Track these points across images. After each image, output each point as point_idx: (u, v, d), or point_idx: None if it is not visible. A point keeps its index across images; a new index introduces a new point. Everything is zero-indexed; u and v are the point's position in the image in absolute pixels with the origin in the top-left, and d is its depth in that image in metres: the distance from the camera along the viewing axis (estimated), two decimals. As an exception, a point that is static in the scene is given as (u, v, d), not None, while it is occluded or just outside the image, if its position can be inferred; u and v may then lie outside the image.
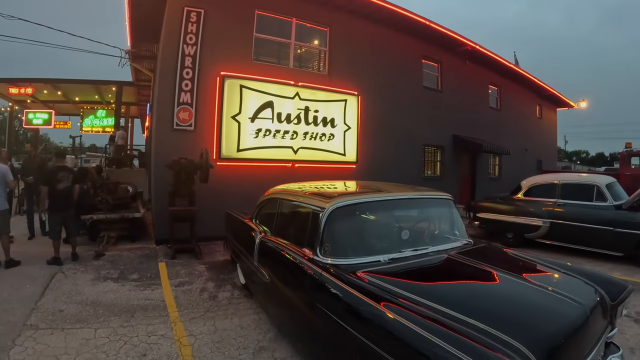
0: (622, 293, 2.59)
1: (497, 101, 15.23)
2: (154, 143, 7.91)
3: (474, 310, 1.98)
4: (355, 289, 2.26)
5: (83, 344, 3.51)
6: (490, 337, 1.76)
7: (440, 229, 3.41)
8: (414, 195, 3.36)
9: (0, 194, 5.50)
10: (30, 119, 15.48)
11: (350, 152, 9.64)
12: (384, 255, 2.66)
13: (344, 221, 2.85)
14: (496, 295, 2.34)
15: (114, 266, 5.94)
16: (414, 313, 1.93)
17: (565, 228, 7.05)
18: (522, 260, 3.03)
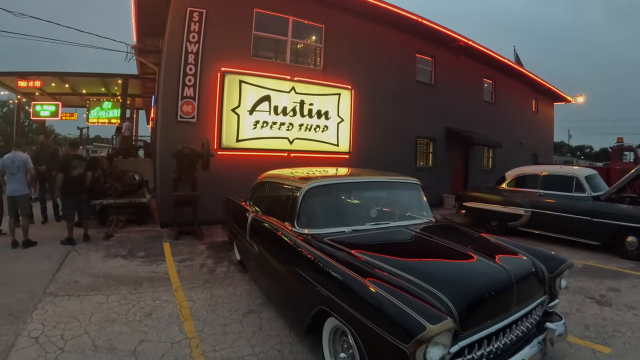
0: (559, 267, 2.90)
1: (492, 95, 15.58)
2: (159, 134, 8.44)
3: (411, 268, 2.47)
4: (318, 250, 2.80)
5: (97, 307, 4.08)
6: (420, 288, 2.21)
7: (405, 209, 3.88)
8: (380, 179, 3.89)
9: (22, 181, 6.05)
10: (37, 111, 16.02)
11: (343, 142, 10.13)
12: (348, 227, 3.18)
13: (317, 199, 3.39)
14: (431, 257, 2.83)
15: (122, 246, 6.51)
16: (360, 267, 2.45)
17: (546, 217, 7.42)
18: (471, 236, 3.46)
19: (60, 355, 3.16)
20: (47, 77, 13.31)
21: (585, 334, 3.68)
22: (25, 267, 5.16)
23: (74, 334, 3.50)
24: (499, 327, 2.30)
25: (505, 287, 2.41)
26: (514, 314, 2.42)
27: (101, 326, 3.65)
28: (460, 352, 2.11)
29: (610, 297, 4.65)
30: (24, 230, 6.08)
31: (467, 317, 2.13)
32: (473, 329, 2.16)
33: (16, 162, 5.99)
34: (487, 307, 2.30)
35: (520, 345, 2.52)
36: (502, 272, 2.48)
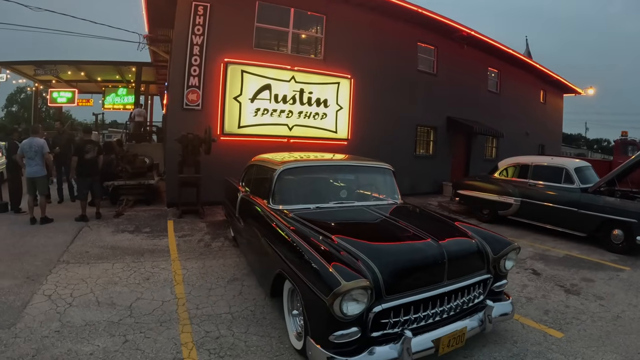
0: (503, 249, 3.08)
1: (497, 85, 15.54)
2: (167, 120, 8.98)
3: (353, 240, 2.80)
4: (283, 222, 3.24)
5: (103, 272, 4.64)
6: (354, 256, 2.55)
7: (373, 191, 4.26)
8: (349, 163, 4.31)
9: (39, 163, 6.63)
10: (54, 98, 16.78)
11: (341, 129, 10.49)
12: (313, 205, 3.61)
13: (290, 179, 3.83)
14: (375, 232, 3.20)
15: (130, 223, 7.10)
16: (309, 237, 2.88)
17: (534, 207, 7.58)
18: (427, 218, 3.78)
19: (68, 308, 3.71)
20: (64, 66, 13.96)
21: (543, 318, 3.81)
22: (42, 240, 5.77)
23: (81, 292, 4.06)
24: (427, 296, 2.56)
25: (435, 262, 2.66)
26: (445, 287, 2.67)
27: (105, 287, 4.20)
28: (386, 314, 2.43)
29: (581, 287, 4.78)
30: (41, 208, 6.69)
31: (392, 283, 2.44)
32: (398, 294, 2.47)
33: (33, 147, 6.58)
34: (414, 277, 2.60)
35: (459, 317, 2.77)
36: (435, 249, 2.72)
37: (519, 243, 6.58)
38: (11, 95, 34.01)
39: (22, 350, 2.98)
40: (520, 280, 4.95)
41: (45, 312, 3.62)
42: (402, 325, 2.52)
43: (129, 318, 3.56)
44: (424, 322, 2.60)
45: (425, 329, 2.59)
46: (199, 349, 3.02)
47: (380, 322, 2.44)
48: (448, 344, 2.59)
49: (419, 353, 2.46)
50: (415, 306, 2.54)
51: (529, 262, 5.77)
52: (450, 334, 2.59)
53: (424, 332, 2.55)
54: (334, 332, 2.29)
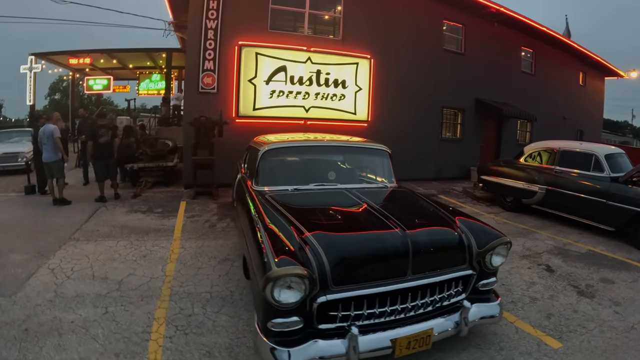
0: (489, 243, 2.72)
1: (532, 66, 14.41)
2: (184, 104, 9.15)
3: (312, 224, 2.63)
4: (258, 201, 3.18)
5: (106, 249, 4.85)
6: (304, 241, 2.38)
7: (365, 173, 4.06)
8: (340, 144, 4.11)
9: (52, 148, 6.94)
10: (90, 85, 17.64)
11: (361, 111, 10.20)
12: (292, 187, 3.48)
13: (272, 160, 3.73)
14: (340, 218, 2.97)
15: (145, 203, 7.37)
16: (270, 218, 2.78)
17: (560, 196, 6.97)
18: (411, 204, 3.46)
19: (65, 281, 3.92)
20: (96, 54, 14.60)
21: (543, 323, 3.40)
22: (60, 219, 6.11)
23: (81, 267, 4.27)
24: (383, 291, 2.33)
25: (396, 253, 2.41)
26: (409, 282, 2.41)
27: (103, 263, 4.39)
28: (334, 306, 2.26)
29: (597, 288, 4.23)
30: (59, 190, 7.04)
31: (340, 273, 2.26)
32: (347, 285, 2.27)
33: (46, 133, 6.93)
34: (368, 268, 2.38)
35: (433, 315, 2.52)
36: (398, 239, 2.45)
37: (540, 235, 6.27)
38: (53, 83, 36.37)
39: (16, 315, 3.23)
40: (529, 276, 4.49)
41: (44, 283, 3.85)
42: (355, 320, 2.33)
43: (116, 292, 3.70)
44: (383, 319, 2.39)
45: (383, 326, 2.37)
46: (168, 325, 3.09)
47: (329, 314, 2.28)
48: (408, 345, 2.34)
49: (371, 352, 2.26)
50: (369, 300, 2.33)
51: (545, 256, 5.23)
52: (411, 335, 2.34)
53: (381, 330, 2.33)
54: (272, 319, 2.20)
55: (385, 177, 4.06)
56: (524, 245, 5.69)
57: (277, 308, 2.15)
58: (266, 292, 2.10)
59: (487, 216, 7.59)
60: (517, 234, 6.24)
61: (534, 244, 5.79)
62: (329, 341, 2.21)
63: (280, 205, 3.00)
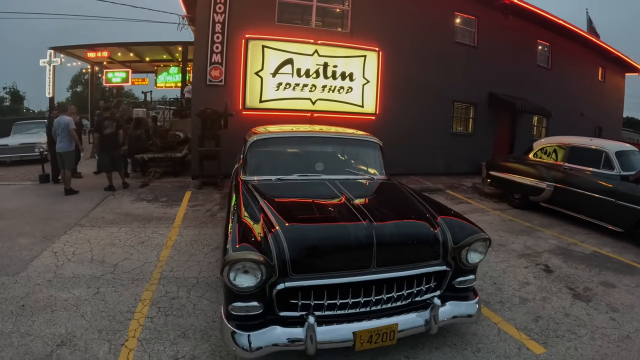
0: (465, 238, 2.62)
1: (548, 60, 13.92)
2: (192, 96, 9.34)
3: (283, 211, 2.70)
4: (242, 190, 3.26)
5: (108, 235, 5.06)
6: (270, 228, 2.41)
7: (354, 164, 4.03)
8: (328, 135, 4.11)
9: (66, 139, 7.22)
10: (109, 78, 18.12)
11: (368, 104, 10.15)
12: (275, 177, 3.52)
13: (258, 151, 3.80)
14: (312, 208, 2.98)
15: (152, 193, 7.60)
16: (244, 206, 2.87)
17: (568, 194, 6.70)
18: (390, 196, 3.41)
19: (65, 263, 4.13)
20: (113, 48, 15.00)
21: (529, 326, 3.23)
22: (69, 207, 6.38)
23: (82, 251, 4.47)
24: (344, 282, 2.31)
25: (358, 245, 2.37)
26: (373, 275, 2.37)
27: (103, 248, 4.59)
28: (295, 294, 2.29)
29: (596, 292, 3.99)
30: (67, 180, 7.29)
31: (300, 262, 2.27)
32: (307, 274, 2.29)
33: (61, 124, 7.21)
34: (329, 258, 2.38)
35: (403, 311, 2.47)
36: (362, 231, 2.41)
37: (545, 233, 6.11)
38: (75, 76, 37.38)
39: (16, 293, 3.46)
40: (524, 276, 4.32)
41: (46, 265, 4.06)
42: (318, 309, 2.34)
43: (110, 274, 3.88)
44: (346, 311, 2.37)
45: (346, 318, 2.35)
46: (152, 306, 3.24)
47: (291, 302, 2.31)
48: (369, 339, 2.29)
49: (332, 344, 2.27)
50: (330, 291, 2.32)
51: (545, 256, 5.04)
52: (373, 329, 2.30)
53: (343, 322, 2.31)
54: (233, 302, 2.26)
55: (375, 168, 4.04)
56: (525, 243, 5.51)
57: (236, 292, 2.22)
58: (224, 275, 2.17)
59: (493, 213, 7.45)
60: (520, 232, 6.09)
61: (536, 242, 5.60)
62: (288, 329, 2.24)
63: (258, 194, 3.07)
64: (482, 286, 3.92)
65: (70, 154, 7.26)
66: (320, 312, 2.33)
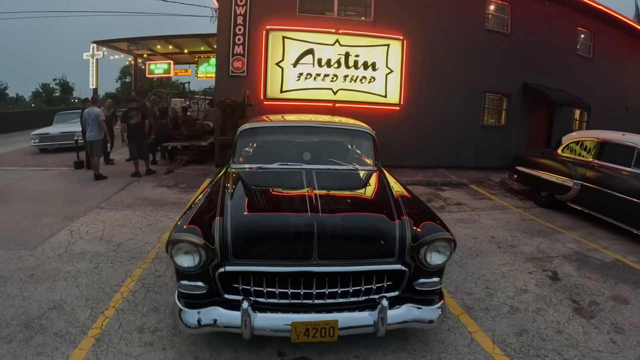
0: (424, 237, 2.44)
1: (590, 49, 12.76)
2: (215, 87, 9.68)
3: (239, 198, 2.83)
4: (223, 176, 3.42)
5: (122, 217, 5.45)
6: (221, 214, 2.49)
7: (343, 154, 3.94)
8: (318, 124, 4.11)
9: (94, 129, 7.76)
10: (152, 70, 19.06)
11: (392, 94, 9.96)
12: (256, 165, 3.60)
13: (245, 140, 3.91)
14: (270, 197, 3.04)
15: (174, 179, 8.02)
16: (214, 192, 2.99)
17: (595, 194, 6.11)
18: (365, 189, 3.34)
19: (77, 240, 4.54)
20: (153, 41, 15.76)
21: (508, 340, 2.88)
22: (94, 191, 6.92)
23: (95, 230, 4.87)
24: (282, 271, 2.31)
25: (298, 236, 2.36)
26: (314, 267, 2.33)
27: (114, 228, 4.97)
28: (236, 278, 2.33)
29: (603, 307, 3.47)
30: (95, 166, 7.87)
31: (241, 247, 2.33)
32: (247, 260, 2.34)
33: (91, 115, 7.77)
34: (268, 247, 2.40)
35: (349, 307, 2.40)
36: (303, 222, 2.38)
37: (565, 236, 5.63)
38: (124, 67, 39.54)
39: (29, 264, 3.89)
40: (524, 282, 3.94)
41: (60, 242, 4.49)
42: (261, 296, 2.37)
43: (112, 252, 4.22)
44: (289, 301, 2.36)
45: (286, 308, 2.35)
46: (138, 282, 3.51)
47: (233, 286, 2.37)
48: (306, 332, 2.26)
49: (269, 332, 2.30)
50: (269, 279, 2.34)
51: (556, 261, 4.56)
52: (310, 322, 2.26)
53: (282, 312, 2.33)
54: (180, 280, 2.40)
55: (364, 159, 3.95)
56: (538, 246, 5.07)
57: (182, 271, 2.35)
58: (168, 253, 2.32)
59: (514, 211, 7.04)
60: (538, 233, 5.66)
61: (552, 245, 5.12)
62: (228, 311, 2.31)
63: (232, 181, 3.19)
64: (472, 290, 3.70)
65: (98, 142, 7.84)
66: (263, 299, 2.37)
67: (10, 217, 5.28)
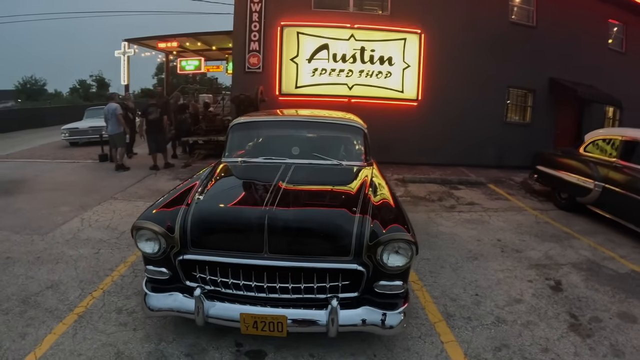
0: (380, 236, 2.34)
1: (623, 42, 11.85)
2: (232, 83, 9.92)
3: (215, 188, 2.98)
4: (209, 168, 3.59)
5: (132, 207, 5.76)
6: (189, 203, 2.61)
7: (332, 149, 3.89)
8: (308, 119, 4.17)
9: (115, 123, 8.19)
10: (183, 66, 19.65)
11: (409, 89, 9.79)
12: (242, 158, 3.71)
13: (236, 134, 4.00)
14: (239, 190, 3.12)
15: (189, 172, 8.28)
16: (194, 181, 3.15)
17: (617, 197, 5.66)
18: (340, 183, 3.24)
19: (86, 228, 4.86)
20: (182, 38, 16.28)
21: (483, 355, 2.65)
22: (112, 182, 7.32)
23: (104, 219, 5.19)
24: (233, 262, 2.36)
25: (248, 228, 2.39)
26: (265, 260, 2.35)
27: (122, 217, 5.25)
28: (190, 267, 2.44)
29: (605, 325, 3.09)
30: (120, 156, 8.35)
31: (198, 237, 2.42)
32: (203, 250, 2.42)
33: (110, 110, 8.21)
34: (222, 238, 2.46)
35: (304, 304, 2.40)
36: (255, 215, 2.42)
37: (580, 242, 5.17)
38: (160, 64, 41.00)
39: (38, 247, 4.24)
40: (520, 291, 3.62)
41: (71, 229, 4.83)
42: (217, 285, 2.45)
43: (114, 239, 4.49)
44: (243, 292, 2.42)
45: (239, 300, 2.40)
46: (130, 268, 3.74)
47: (192, 274, 2.47)
48: (254, 325, 2.31)
49: (220, 320, 2.37)
50: (223, 269, 2.40)
51: (564, 270, 4.17)
52: (258, 315, 2.30)
53: (235, 303, 2.39)
54: (146, 265, 2.54)
55: (353, 153, 3.91)
56: (547, 252, 4.71)
57: (147, 257, 2.50)
58: (132, 235, 2.47)
59: (530, 213, 6.67)
60: (550, 238, 5.27)
61: (563, 252, 4.74)
62: (185, 298, 2.42)
63: (213, 173, 3.33)
64: (459, 296, 3.48)
65: (119, 135, 8.28)
66: (222, 289, 2.45)
67: (31, 205, 5.72)
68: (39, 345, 2.60)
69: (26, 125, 19.24)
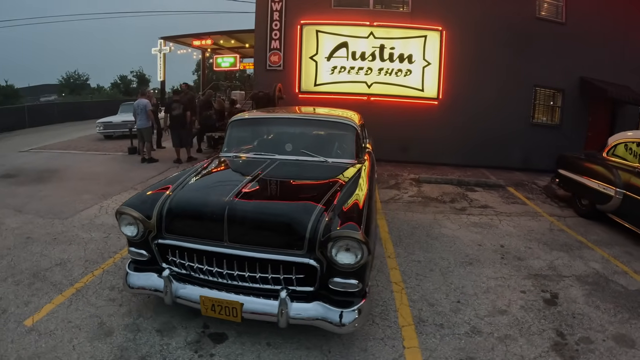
0: (330, 232, 2.37)
1: None
2: (254, 81, 10.21)
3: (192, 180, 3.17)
4: (206, 161, 3.82)
5: (148, 196, 6.12)
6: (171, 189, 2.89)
7: (310, 146, 3.91)
8: (296, 116, 4.36)
9: (143, 118, 8.68)
10: (219, 63, 20.17)
11: (430, 88, 9.63)
12: (235, 154, 3.94)
13: (233, 130, 4.23)
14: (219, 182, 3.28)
15: (208, 165, 8.70)
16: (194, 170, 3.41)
17: (638, 206, 5.29)
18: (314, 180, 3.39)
19: (103, 214, 5.29)
20: (216, 36, 16.81)
21: None
22: (137, 174, 7.80)
23: (120, 207, 5.58)
24: (198, 248, 2.55)
25: (211, 218, 2.54)
26: (225, 249, 2.50)
27: (136, 206, 5.63)
28: (165, 250, 2.68)
29: (595, 348, 2.80)
30: (147, 151, 8.89)
31: (171, 224, 2.64)
32: (175, 235, 2.64)
33: (140, 106, 8.71)
34: (190, 226, 2.65)
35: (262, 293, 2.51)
36: (217, 206, 2.56)
37: (593, 253, 4.81)
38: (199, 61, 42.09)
39: (57, 229, 4.70)
40: (508, 302, 3.41)
41: (89, 215, 5.27)
42: (184, 268, 2.67)
43: (123, 227, 4.83)
44: (207, 277, 2.62)
45: (204, 284, 2.61)
46: (122, 258, 3.99)
47: (166, 257, 2.72)
48: (212, 308, 2.49)
49: (184, 300, 2.58)
50: (189, 254, 2.61)
51: (566, 282, 3.89)
52: (216, 300, 2.48)
53: (198, 286, 2.59)
54: (129, 247, 2.83)
55: (343, 151, 3.97)
56: (552, 262, 4.40)
57: (128, 239, 2.77)
58: (117, 219, 2.74)
59: (546, 219, 6.34)
60: (561, 247, 4.98)
61: (570, 263, 4.42)
62: (158, 278, 2.65)
63: (207, 165, 3.62)
64: (438, 301, 3.33)
65: (148, 129, 8.80)
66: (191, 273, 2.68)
67: (57, 193, 6.27)
68: (38, 312, 2.97)
69: (68, 118, 20.57)
